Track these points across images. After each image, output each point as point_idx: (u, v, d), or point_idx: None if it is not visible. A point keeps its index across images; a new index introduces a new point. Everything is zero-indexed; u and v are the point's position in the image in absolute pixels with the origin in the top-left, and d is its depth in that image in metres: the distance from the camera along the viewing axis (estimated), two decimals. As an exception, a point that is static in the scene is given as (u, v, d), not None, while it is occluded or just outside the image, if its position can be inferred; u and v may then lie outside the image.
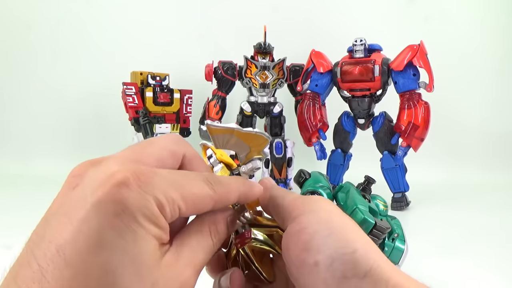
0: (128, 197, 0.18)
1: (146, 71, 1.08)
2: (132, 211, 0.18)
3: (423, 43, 0.93)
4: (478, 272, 0.57)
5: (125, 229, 0.18)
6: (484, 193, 1.13)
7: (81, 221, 0.18)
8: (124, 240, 0.18)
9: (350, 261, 0.20)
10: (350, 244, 0.21)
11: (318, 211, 0.23)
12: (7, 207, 0.93)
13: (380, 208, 0.46)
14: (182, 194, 0.20)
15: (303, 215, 0.23)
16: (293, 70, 1.09)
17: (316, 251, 0.21)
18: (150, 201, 0.19)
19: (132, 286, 0.18)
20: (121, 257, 0.18)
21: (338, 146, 1.05)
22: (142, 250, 0.19)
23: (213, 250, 0.24)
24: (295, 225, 0.23)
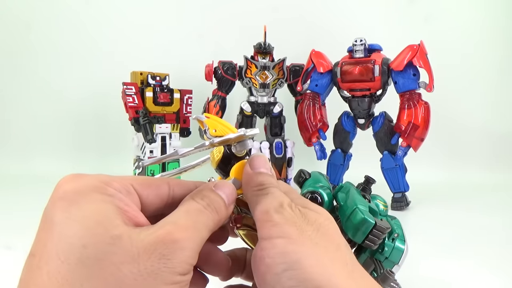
0: (70, 184, 0.21)
1: (146, 71, 1.08)
2: (74, 190, 0.20)
3: (423, 43, 0.93)
4: (479, 273, 0.57)
5: (68, 204, 0.20)
6: (484, 193, 1.13)
7: (42, 222, 0.20)
8: (69, 212, 0.19)
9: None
10: (306, 283, 0.20)
11: (274, 239, 0.22)
12: (7, 208, 0.93)
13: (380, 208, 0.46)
14: (132, 177, 0.23)
15: (263, 239, 0.22)
16: (293, 70, 1.09)
17: (271, 286, 0.21)
18: (93, 180, 0.21)
19: (87, 242, 0.19)
20: (70, 224, 0.19)
21: (338, 146, 1.05)
22: (91, 212, 0.20)
23: (204, 211, 0.23)
24: (257, 249, 0.22)
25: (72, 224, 0.19)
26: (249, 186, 0.25)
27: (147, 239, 0.20)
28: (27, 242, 0.21)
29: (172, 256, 0.20)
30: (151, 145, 1.05)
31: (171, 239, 0.20)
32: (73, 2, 1.43)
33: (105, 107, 1.41)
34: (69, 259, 0.18)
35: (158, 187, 0.24)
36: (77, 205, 0.20)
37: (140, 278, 0.18)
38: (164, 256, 0.19)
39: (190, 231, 0.21)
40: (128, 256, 0.19)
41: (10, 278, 0.20)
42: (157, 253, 0.19)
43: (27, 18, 1.43)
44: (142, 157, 1.08)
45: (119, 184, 0.22)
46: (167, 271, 0.19)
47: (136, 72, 1.08)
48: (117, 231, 0.19)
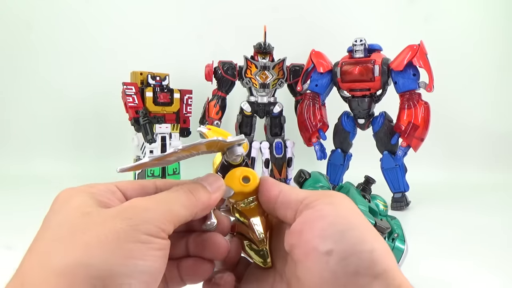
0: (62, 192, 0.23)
1: (146, 71, 1.08)
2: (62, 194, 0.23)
3: (423, 43, 0.93)
4: (478, 272, 0.57)
5: (56, 204, 0.22)
6: (484, 193, 1.13)
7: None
8: (53, 210, 0.22)
9: (367, 259, 0.20)
10: (368, 243, 0.21)
11: (339, 205, 0.23)
12: (8, 208, 0.93)
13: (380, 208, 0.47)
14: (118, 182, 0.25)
15: (323, 205, 0.23)
16: (293, 70, 1.09)
17: (332, 241, 0.21)
18: (80, 187, 0.23)
19: (60, 219, 0.21)
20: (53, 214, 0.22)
21: (338, 146, 1.05)
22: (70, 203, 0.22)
23: (178, 192, 0.24)
24: (313, 211, 0.23)
25: (58, 215, 0.21)
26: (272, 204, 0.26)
27: (114, 209, 0.21)
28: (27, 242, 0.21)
29: (135, 216, 0.21)
30: (151, 145, 1.05)
31: (136, 205, 0.22)
32: (73, 2, 1.43)
33: (105, 107, 1.41)
34: (47, 238, 0.20)
35: (143, 187, 0.25)
36: (64, 203, 0.22)
37: (105, 239, 0.20)
38: (126, 217, 0.20)
39: (155, 201, 0.22)
40: (94, 224, 0.20)
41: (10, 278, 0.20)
42: (121, 216, 0.21)
43: (27, 18, 1.43)
44: (142, 157, 1.08)
45: (103, 186, 0.24)
46: (130, 229, 0.20)
47: (136, 72, 1.08)
48: (89, 210, 0.21)
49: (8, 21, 1.43)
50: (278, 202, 0.25)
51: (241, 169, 0.27)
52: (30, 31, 1.43)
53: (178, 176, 1.11)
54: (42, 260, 0.19)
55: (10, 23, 1.43)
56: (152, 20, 1.43)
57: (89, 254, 0.19)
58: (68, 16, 1.42)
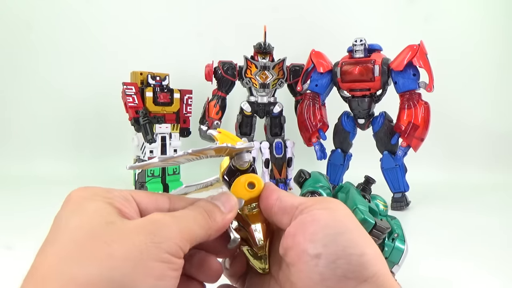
0: (75, 191, 0.23)
1: (146, 71, 1.08)
2: (78, 194, 0.22)
3: (423, 43, 0.93)
4: (478, 272, 0.57)
5: (72, 204, 0.22)
6: (484, 193, 1.13)
7: None
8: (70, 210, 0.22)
9: (356, 263, 0.21)
10: (358, 247, 0.21)
11: (333, 210, 0.23)
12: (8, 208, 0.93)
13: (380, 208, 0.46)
14: (132, 191, 0.24)
15: (317, 210, 0.23)
16: (293, 70, 1.09)
17: (321, 244, 0.21)
18: (95, 188, 0.23)
19: (83, 226, 0.20)
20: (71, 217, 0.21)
21: (338, 146, 1.05)
22: (89, 208, 0.21)
23: (193, 212, 0.24)
24: (307, 216, 0.23)
25: (75, 218, 0.21)
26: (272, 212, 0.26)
27: (138, 221, 0.21)
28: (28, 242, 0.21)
29: (159, 232, 0.21)
30: (151, 145, 1.05)
31: (158, 220, 0.21)
32: (73, 2, 1.43)
33: (105, 107, 1.41)
34: (66, 242, 0.20)
35: (157, 199, 0.25)
36: (81, 205, 0.21)
37: (129, 254, 0.19)
38: (150, 233, 0.20)
39: (176, 218, 0.22)
40: (119, 236, 0.20)
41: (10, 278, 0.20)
42: (145, 230, 0.20)
43: (28, 18, 1.43)
44: (142, 157, 1.08)
45: (118, 192, 0.23)
46: (153, 246, 0.20)
47: (136, 72, 1.08)
48: (112, 219, 0.21)
49: (8, 21, 1.43)
50: (276, 208, 0.26)
51: (246, 175, 0.27)
52: (30, 31, 1.43)
53: (178, 176, 1.11)
54: (62, 267, 0.19)
55: (10, 23, 1.43)
56: (152, 20, 1.43)
57: (112, 267, 0.19)
58: (68, 16, 1.42)
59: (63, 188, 0.23)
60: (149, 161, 0.25)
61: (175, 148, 1.11)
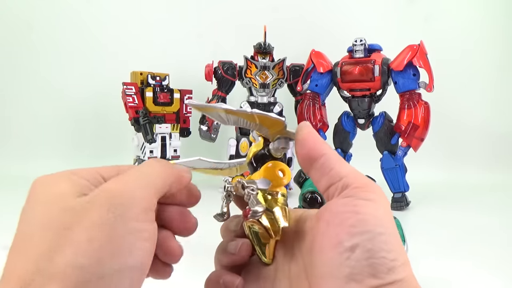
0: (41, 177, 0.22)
1: (146, 71, 1.08)
2: (41, 179, 0.22)
3: (423, 43, 0.93)
4: (478, 272, 0.57)
5: (34, 191, 0.21)
6: (483, 193, 1.13)
7: None
8: (31, 198, 0.21)
9: (387, 266, 0.20)
10: (393, 252, 0.21)
11: (377, 204, 0.22)
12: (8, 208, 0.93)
13: (380, 208, 0.46)
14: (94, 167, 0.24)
15: (361, 199, 0.22)
16: (293, 70, 1.09)
17: (359, 239, 0.21)
18: (62, 172, 0.22)
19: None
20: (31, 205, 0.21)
21: (338, 146, 1.05)
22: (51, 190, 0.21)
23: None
24: (349, 202, 0.22)
25: (35, 209, 0.21)
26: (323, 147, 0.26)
27: (94, 197, 0.20)
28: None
29: (118, 201, 0.20)
30: (151, 145, 1.05)
31: (112, 188, 0.20)
32: (73, 2, 1.43)
33: (105, 107, 1.41)
34: (30, 236, 0.20)
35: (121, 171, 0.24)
36: (43, 193, 0.21)
37: (94, 234, 0.19)
38: (110, 204, 0.20)
39: (133, 178, 0.22)
40: (78, 218, 0.19)
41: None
42: (104, 205, 0.20)
43: (28, 18, 1.43)
44: (142, 157, 1.08)
45: (85, 171, 0.22)
46: (116, 219, 0.19)
47: (136, 72, 1.08)
48: (70, 202, 0.20)
49: (9, 21, 1.43)
50: (319, 164, 0.25)
51: (276, 162, 0.27)
52: (31, 31, 1.43)
53: None
54: (29, 264, 0.18)
55: (11, 23, 1.43)
56: (152, 20, 1.43)
57: (78, 253, 0.18)
58: (68, 16, 1.42)
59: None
60: (213, 105, 0.23)
61: (175, 148, 1.11)
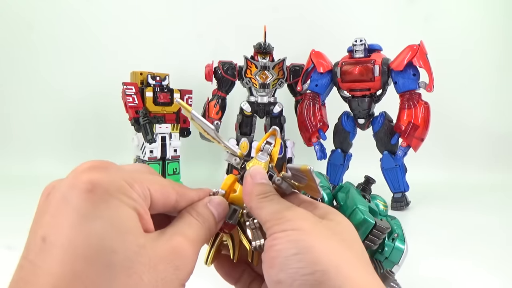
0: (96, 176, 0.20)
1: (146, 71, 1.08)
2: (103, 186, 0.20)
3: (423, 43, 0.93)
4: (478, 272, 0.57)
5: (98, 200, 0.19)
6: (483, 193, 1.13)
7: (57, 207, 0.19)
8: (99, 209, 0.19)
9: (309, 282, 0.21)
10: (311, 265, 0.21)
11: (289, 231, 0.23)
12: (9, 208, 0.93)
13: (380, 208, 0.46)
14: (147, 178, 0.23)
15: (276, 232, 0.23)
16: (293, 70, 1.09)
17: (279, 270, 0.22)
18: (117, 177, 0.21)
19: (118, 247, 0.19)
20: (100, 223, 0.19)
21: (338, 146, 1.05)
22: (120, 216, 0.20)
23: (201, 227, 0.25)
24: (268, 241, 0.24)
25: (98, 221, 0.19)
26: (253, 195, 0.26)
27: (164, 248, 0.21)
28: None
29: (184, 267, 0.22)
30: (151, 145, 1.05)
31: (184, 252, 0.22)
32: (74, 2, 1.43)
33: (105, 107, 1.41)
34: (90, 256, 0.18)
35: (168, 197, 0.25)
36: (105, 203, 0.20)
37: (156, 285, 0.20)
38: (177, 268, 0.21)
39: (195, 245, 0.24)
40: (149, 266, 0.20)
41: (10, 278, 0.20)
42: (172, 264, 0.21)
43: (29, 18, 1.43)
44: (142, 157, 1.08)
45: (139, 188, 0.22)
46: (176, 280, 0.21)
47: (136, 72, 1.08)
48: (142, 240, 0.20)
49: (9, 21, 1.43)
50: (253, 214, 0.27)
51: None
52: (31, 31, 1.43)
53: (178, 177, 1.11)
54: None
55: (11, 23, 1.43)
56: (152, 20, 1.43)
57: None
58: (68, 16, 1.42)
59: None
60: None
61: (175, 148, 1.11)
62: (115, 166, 0.22)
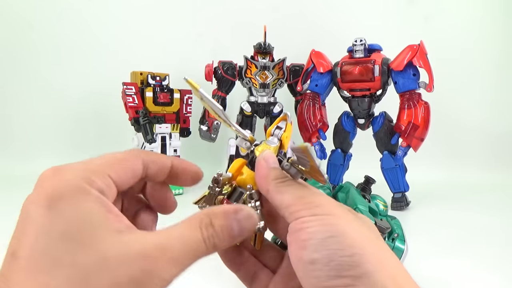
0: (55, 186, 0.20)
1: (146, 71, 1.08)
2: (60, 196, 0.20)
3: (423, 43, 0.93)
4: (478, 272, 0.57)
5: (57, 215, 0.19)
6: (483, 193, 1.13)
7: (23, 224, 0.20)
8: (58, 223, 0.19)
9: (347, 263, 0.21)
10: (349, 248, 0.22)
11: (321, 215, 0.23)
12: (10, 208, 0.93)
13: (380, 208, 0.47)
14: (105, 161, 0.23)
15: (305, 216, 0.23)
16: (293, 70, 1.09)
17: (313, 250, 0.22)
18: (73, 179, 0.21)
19: (79, 260, 0.19)
20: (60, 236, 0.19)
21: (338, 146, 1.05)
22: (80, 226, 0.19)
23: (203, 245, 0.21)
24: (295, 224, 0.24)
25: (59, 238, 0.19)
26: (269, 179, 0.26)
27: (131, 264, 0.19)
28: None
29: (155, 268, 0.19)
30: (151, 145, 1.05)
31: (150, 270, 0.19)
32: (74, 2, 1.43)
33: (105, 107, 1.41)
34: (53, 269, 0.18)
35: (133, 169, 0.24)
36: (63, 216, 0.19)
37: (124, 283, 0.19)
38: (146, 269, 0.19)
39: (177, 265, 0.20)
40: (110, 283, 0.19)
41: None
42: (142, 264, 0.19)
43: (29, 17, 1.43)
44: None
45: (100, 180, 0.21)
46: (145, 280, 0.19)
47: (136, 72, 1.08)
48: (106, 251, 0.19)
49: (10, 21, 1.43)
50: (270, 203, 0.26)
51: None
52: (32, 30, 1.43)
53: None
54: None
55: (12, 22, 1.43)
56: (152, 20, 1.43)
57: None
58: (69, 15, 1.42)
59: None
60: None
61: (175, 148, 1.11)
62: (70, 167, 0.22)
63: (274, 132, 0.29)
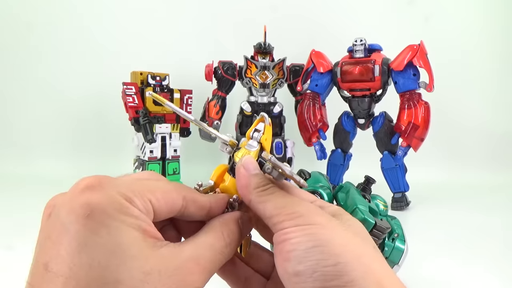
0: (93, 198, 0.20)
1: (146, 71, 1.08)
2: (100, 208, 0.19)
3: (423, 43, 0.93)
4: (478, 272, 0.57)
5: (97, 226, 0.19)
6: (483, 193, 1.13)
7: (57, 235, 0.19)
8: (99, 236, 0.19)
9: (331, 273, 0.21)
10: (333, 257, 0.21)
11: (304, 225, 0.23)
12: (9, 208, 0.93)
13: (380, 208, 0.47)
14: (148, 187, 0.22)
15: (288, 227, 0.23)
16: (293, 70, 1.09)
17: (297, 262, 0.22)
18: (116, 196, 0.20)
19: (122, 276, 0.19)
20: (102, 251, 0.19)
21: (338, 146, 1.05)
22: (122, 241, 0.19)
23: (226, 250, 0.24)
24: (278, 235, 0.23)
25: (99, 249, 0.19)
26: (250, 188, 0.25)
27: (172, 276, 0.20)
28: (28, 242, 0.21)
29: (186, 279, 0.21)
30: (151, 145, 1.05)
31: (187, 281, 0.21)
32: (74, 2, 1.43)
33: (105, 107, 1.41)
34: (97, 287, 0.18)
35: (173, 204, 0.24)
36: (105, 228, 0.19)
37: None
38: (180, 281, 0.21)
39: (206, 273, 0.23)
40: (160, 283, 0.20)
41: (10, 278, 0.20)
42: (175, 278, 0.20)
43: (28, 19, 1.43)
44: (142, 157, 1.08)
45: (140, 202, 0.21)
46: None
47: (136, 72, 1.09)
48: (148, 266, 0.20)
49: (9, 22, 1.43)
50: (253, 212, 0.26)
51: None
52: (31, 32, 1.43)
53: (178, 177, 1.12)
54: None
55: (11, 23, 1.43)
56: (152, 20, 1.43)
57: None
58: (68, 16, 1.43)
59: (64, 188, 0.22)
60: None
61: (175, 148, 1.11)
62: (113, 182, 0.21)
63: (253, 135, 0.28)
